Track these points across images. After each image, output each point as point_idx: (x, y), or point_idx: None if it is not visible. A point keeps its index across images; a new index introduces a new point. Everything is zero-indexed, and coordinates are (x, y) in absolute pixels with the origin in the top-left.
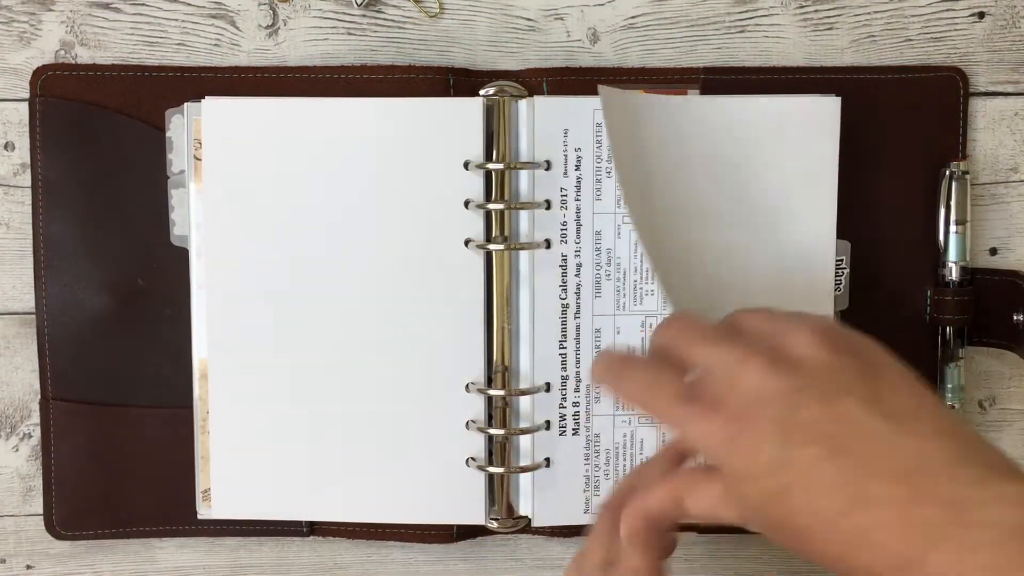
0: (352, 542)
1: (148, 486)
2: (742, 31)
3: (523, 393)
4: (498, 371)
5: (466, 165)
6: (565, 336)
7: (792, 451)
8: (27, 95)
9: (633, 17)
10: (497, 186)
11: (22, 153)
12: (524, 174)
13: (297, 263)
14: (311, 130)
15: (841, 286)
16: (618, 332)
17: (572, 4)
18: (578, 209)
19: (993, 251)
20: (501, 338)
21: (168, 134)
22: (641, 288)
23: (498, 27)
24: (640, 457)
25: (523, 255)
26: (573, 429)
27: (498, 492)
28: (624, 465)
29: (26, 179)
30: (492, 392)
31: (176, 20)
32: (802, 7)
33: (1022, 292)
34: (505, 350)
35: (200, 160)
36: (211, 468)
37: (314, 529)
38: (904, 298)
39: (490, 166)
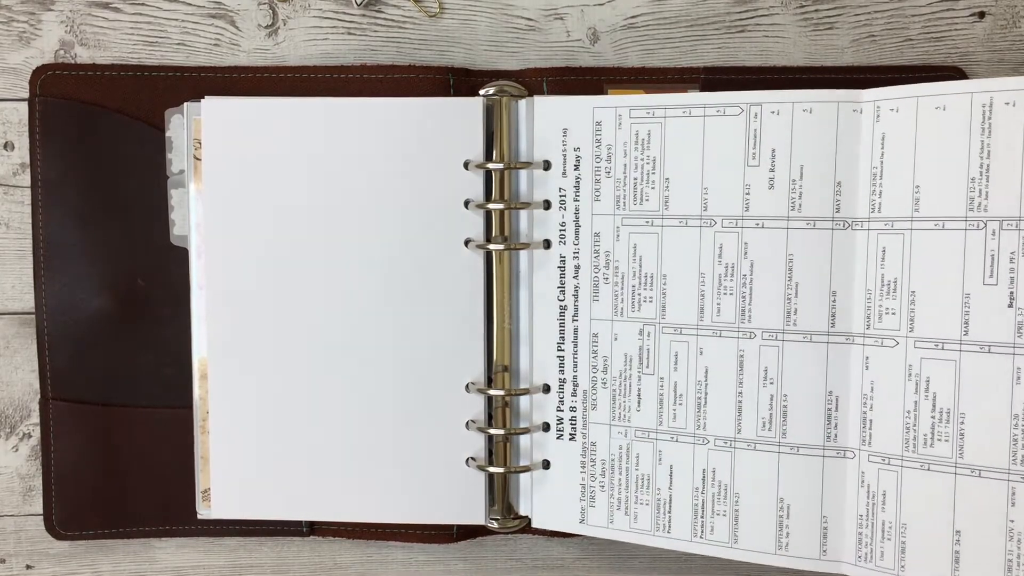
0: (352, 542)
1: (148, 486)
2: (742, 31)
3: (521, 393)
4: (498, 371)
5: (466, 165)
6: (563, 338)
7: None
8: (27, 95)
9: (633, 17)
10: (497, 186)
11: (22, 153)
12: (523, 174)
13: (297, 263)
14: (311, 130)
15: None
16: (615, 339)
17: (572, 4)
18: (576, 210)
19: None
20: (501, 338)
21: (168, 134)
22: (640, 294)
23: (498, 27)
24: (635, 473)
25: (523, 255)
26: (570, 434)
27: (498, 492)
28: (619, 479)
29: (26, 179)
30: (492, 392)
31: (176, 20)
32: (802, 7)
33: None
34: (505, 350)
35: (200, 160)
36: (211, 468)
37: (314, 529)
38: None
39: (490, 166)
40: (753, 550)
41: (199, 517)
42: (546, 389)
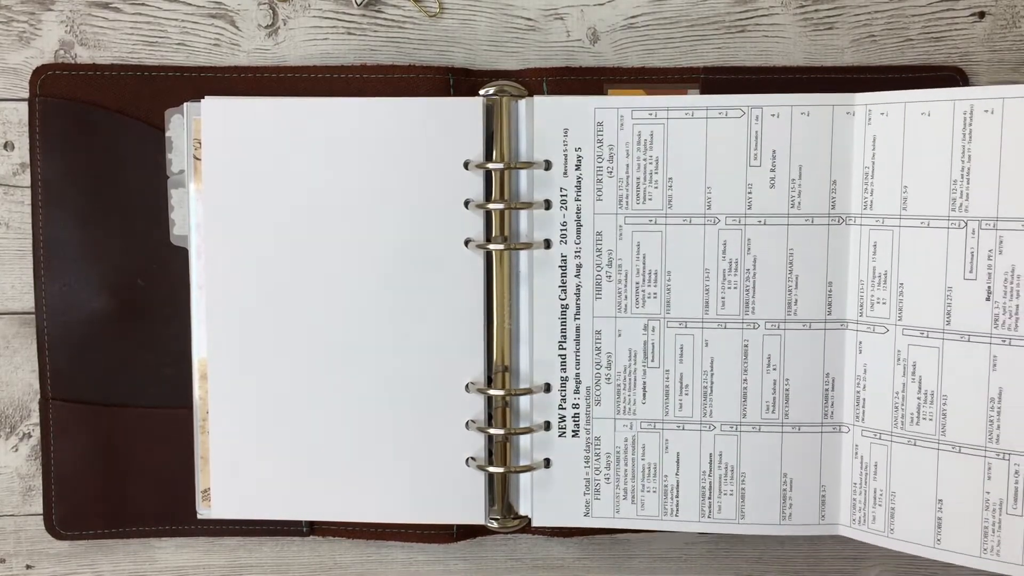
0: (352, 542)
1: (148, 486)
2: (742, 31)
3: (522, 393)
4: (498, 371)
5: (466, 165)
6: (565, 337)
7: None
8: (27, 95)
9: (633, 17)
10: (497, 186)
11: (22, 153)
12: (524, 174)
13: (297, 263)
14: (311, 130)
15: None
16: (619, 335)
17: (572, 4)
18: (578, 209)
19: None
20: (501, 338)
21: (168, 134)
22: (643, 291)
23: (498, 27)
24: (641, 463)
25: (523, 255)
26: (573, 431)
27: (498, 492)
28: (625, 470)
29: (26, 179)
30: (492, 392)
31: (176, 20)
32: (802, 7)
33: None
34: (505, 350)
35: (200, 160)
36: (211, 468)
37: (314, 529)
38: None
39: (490, 166)
40: (759, 523)
41: (199, 517)
42: (547, 388)
